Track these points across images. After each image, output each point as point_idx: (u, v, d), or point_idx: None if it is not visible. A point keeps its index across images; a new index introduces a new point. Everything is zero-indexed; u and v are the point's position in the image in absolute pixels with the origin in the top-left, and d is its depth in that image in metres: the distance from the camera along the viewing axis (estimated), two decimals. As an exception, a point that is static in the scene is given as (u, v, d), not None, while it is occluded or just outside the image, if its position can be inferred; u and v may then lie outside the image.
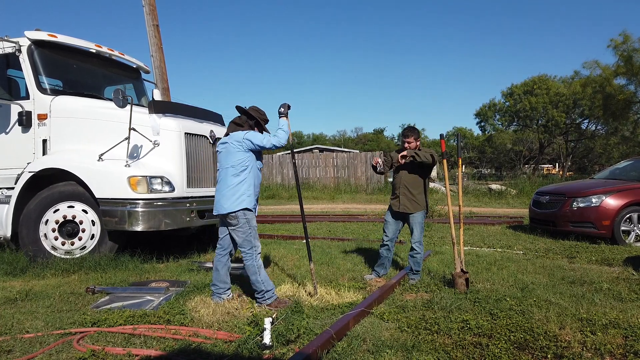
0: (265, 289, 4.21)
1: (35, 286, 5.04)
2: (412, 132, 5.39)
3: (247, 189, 4.22)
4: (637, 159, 10.24)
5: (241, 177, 4.21)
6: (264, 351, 3.16)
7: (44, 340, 3.44)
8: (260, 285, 4.21)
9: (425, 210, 5.38)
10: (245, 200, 4.19)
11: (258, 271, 4.23)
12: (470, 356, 3.12)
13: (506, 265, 6.00)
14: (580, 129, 44.03)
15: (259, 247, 4.31)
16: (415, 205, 5.26)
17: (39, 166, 5.99)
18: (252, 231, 4.25)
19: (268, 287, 4.24)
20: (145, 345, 3.34)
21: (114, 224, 5.78)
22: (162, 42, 10.39)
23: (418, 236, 5.27)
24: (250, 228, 4.24)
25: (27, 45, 6.30)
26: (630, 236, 7.91)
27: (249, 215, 4.23)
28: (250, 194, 4.23)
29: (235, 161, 4.20)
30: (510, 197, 19.79)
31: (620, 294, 4.60)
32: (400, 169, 5.34)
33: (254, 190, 4.28)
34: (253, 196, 4.28)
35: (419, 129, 5.48)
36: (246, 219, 4.21)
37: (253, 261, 4.24)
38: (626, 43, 25.76)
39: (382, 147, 52.93)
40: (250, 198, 4.23)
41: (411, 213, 5.28)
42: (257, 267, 4.23)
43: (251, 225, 4.25)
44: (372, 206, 17.04)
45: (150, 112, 6.20)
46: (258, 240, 4.33)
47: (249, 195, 4.22)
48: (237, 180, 4.20)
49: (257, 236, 4.33)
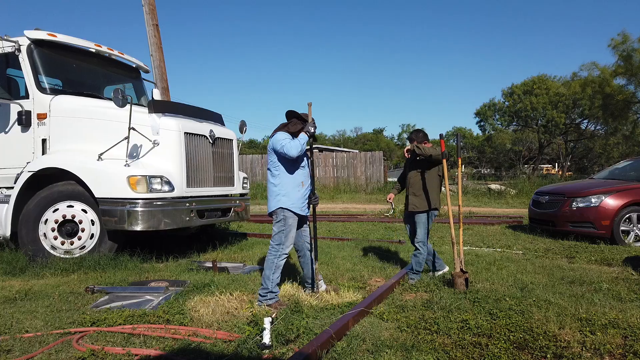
0: (270, 289, 4.24)
1: (34, 286, 5.04)
2: (416, 135, 5.40)
3: (282, 189, 4.34)
4: (636, 159, 10.24)
5: (276, 178, 4.38)
6: (264, 351, 3.16)
7: (44, 340, 3.44)
8: (269, 282, 4.25)
9: (430, 210, 5.31)
10: (281, 200, 4.32)
11: (274, 270, 4.28)
12: (469, 356, 3.12)
13: (505, 265, 6.00)
14: (579, 129, 44.03)
15: (286, 248, 4.34)
16: (421, 203, 5.25)
17: (38, 165, 5.99)
18: (286, 229, 4.32)
19: (274, 289, 4.27)
20: (144, 344, 3.34)
21: (113, 223, 5.78)
22: (161, 42, 10.40)
23: (421, 236, 5.26)
24: (285, 226, 4.32)
25: (26, 44, 6.30)
26: (629, 236, 7.91)
27: (287, 214, 4.32)
28: (286, 193, 4.33)
29: (270, 163, 4.42)
30: (510, 197, 19.78)
31: (620, 294, 4.61)
32: (409, 169, 5.40)
33: (292, 190, 4.35)
34: (292, 196, 4.34)
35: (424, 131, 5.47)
36: (284, 216, 4.32)
37: (275, 258, 4.31)
38: (625, 43, 25.79)
39: (382, 147, 52.87)
40: (286, 197, 4.33)
41: (415, 212, 5.28)
42: (275, 265, 4.29)
43: (287, 224, 4.32)
44: (371, 206, 17.04)
45: (149, 111, 6.20)
46: (289, 242, 4.36)
47: (285, 195, 4.33)
48: (273, 181, 4.39)
49: (290, 238, 4.36)
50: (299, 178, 4.42)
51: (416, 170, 5.32)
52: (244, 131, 7.77)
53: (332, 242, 8.12)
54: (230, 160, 7.27)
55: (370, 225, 10.93)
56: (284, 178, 4.36)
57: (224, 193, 7.18)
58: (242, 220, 8.77)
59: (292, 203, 4.34)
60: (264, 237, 8.94)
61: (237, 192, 7.52)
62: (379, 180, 23.77)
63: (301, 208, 4.41)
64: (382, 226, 10.84)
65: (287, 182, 4.36)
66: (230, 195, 7.41)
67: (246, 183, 7.97)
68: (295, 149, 4.23)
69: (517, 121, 46.94)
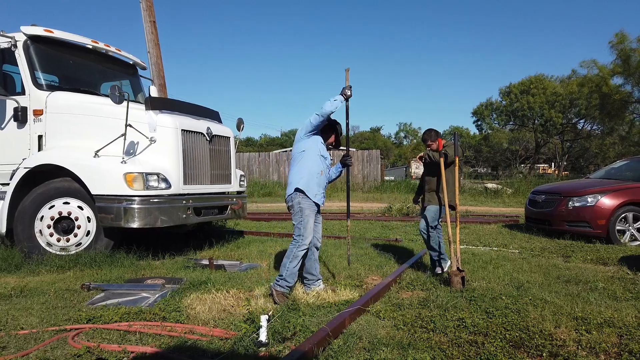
0: (284, 276, 4.36)
1: (30, 282, 5.02)
2: (429, 135, 5.55)
3: (300, 174, 4.45)
4: (632, 159, 10.28)
5: (296, 166, 4.52)
6: (260, 348, 3.16)
7: (39, 337, 3.42)
8: (284, 270, 4.37)
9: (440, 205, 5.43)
10: (300, 182, 4.43)
11: (292, 259, 4.38)
12: (465, 354, 3.13)
13: (502, 264, 6.01)
14: (576, 129, 44.18)
15: (306, 239, 4.40)
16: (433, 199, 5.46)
17: (34, 162, 5.96)
18: (303, 220, 4.40)
19: (288, 278, 4.37)
20: (140, 342, 3.33)
21: (109, 220, 5.76)
22: (159, 39, 10.37)
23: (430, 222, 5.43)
24: (302, 217, 4.40)
25: (23, 40, 6.26)
26: (625, 235, 7.94)
27: (302, 202, 4.41)
28: (302, 177, 4.43)
29: (293, 154, 4.58)
30: (506, 196, 19.85)
31: (615, 293, 4.62)
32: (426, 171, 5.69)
33: (309, 176, 4.44)
34: (309, 181, 4.44)
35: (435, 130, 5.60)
36: (299, 206, 4.41)
37: (294, 248, 4.41)
38: (623, 43, 25.88)
39: (379, 146, 52.96)
40: (304, 180, 4.42)
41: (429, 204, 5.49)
42: (293, 255, 4.39)
43: (303, 215, 4.40)
44: (368, 204, 17.06)
45: (146, 108, 6.17)
46: (308, 233, 4.42)
47: (301, 178, 4.43)
48: (292, 171, 4.54)
49: (309, 229, 4.42)
50: (318, 167, 4.51)
51: (431, 170, 5.50)
52: (242, 129, 7.76)
53: (328, 240, 8.12)
54: (227, 158, 7.25)
55: (367, 224, 10.94)
56: (303, 165, 4.48)
57: (221, 191, 7.16)
58: (239, 218, 8.76)
59: (308, 188, 4.43)
60: (261, 235, 8.93)
61: (234, 189, 7.51)
62: (375, 178, 23.80)
63: (315, 195, 4.48)
64: (378, 224, 10.85)
65: (308, 168, 4.47)
66: (227, 193, 7.40)
67: (243, 181, 7.96)
68: (329, 104, 4.32)
69: (514, 120, 47.07)
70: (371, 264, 6.09)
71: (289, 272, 4.37)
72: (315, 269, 4.70)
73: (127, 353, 3.10)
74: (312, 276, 4.69)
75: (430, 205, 5.48)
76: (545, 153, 49.36)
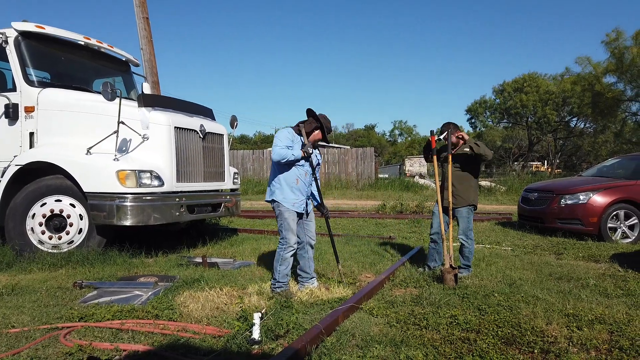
0: (277, 279, 4.49)
1: (21, 281, 4.98)
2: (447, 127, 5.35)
3: (277, 183, 4.52)
4: (624, 157, 10.37)
5: (275, 171, 4.55)
6: (253, 346, 3.16)
7: (31, 335, 3.40)
8: (276, 274, 4.50)
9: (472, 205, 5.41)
10: (274, 193, 4.52)
11: (281, 262, 4.48)
12: (458, 351, 3.14)
13: (494, 261, 6.04)
14: (569, 126, 44.43)
15: (289, 240, 4.47)
16: (460, 199, 5.31)
17: (25, 159, 5.91)
18: (284, 223, 4.48)
19: (281, 279, 4.48)
20: (133, 340, 3.32)
21: (102, 218, 5.72)
22: (152, 35, 10.30)
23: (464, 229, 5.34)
24: (282, 220, 4.49)
25: (14, 36, 6.20)
26: (616, 233, 8.00)
27: (280, 207, 4.48)
28: (279, 187, 4.50)
29: None
30: (500, 193, 19.93)
31: (607, 290, 4.66)
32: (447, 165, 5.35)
33: (285, 185, 4.48)
34: (284, 191, 4.48)
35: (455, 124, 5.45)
36: (279, 210, 4.50)
37: (281, 251, 4.50)
38: (618, 40, 26.00)
39: (373, 143, 53.03)
40: (279, 191, 4.49)
41: (456, 207, 5.33)
42: (281, 258, 4.48)
43: (283, 218, 4.48)
44: (362, 202, 17.08)
45: (139, 105, 6.13)
46: (290, 235, 4.48)
47: (278, 189, 4.50)
48: (273, 174, 4.59)
49: (291, 231, 4.48)
50: (293, 175, 4.50)
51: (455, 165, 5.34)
52: (235, 126, 7.73)
53: (322, 238, 8.11)
54: (220, 155, 7.23)
55: (360, 222, 10.95)
56: (280, 173, 4.52)
57: (215, 188, 7.14)
58: (232, 216, 8.74)
59: (283, 197, 4.47)
60: (255, 232, 8.91)
61: (228, 187, 7.49)
62: (370, 176, 23.82)
63: (294, 204, 4.48)
64: (372, 222, 10.86)
65: (283, 177, 4.50)
66: (221, 191, 7.37)
67: (237, 178, 7.93)
68: (276, 154, 4.37)
69: (507, 118, 47.26)
70: (365, 261, 6.10)
71: (281, 275, 4.48)
72: (309, 267, 4.72)
73: (119, 351, 3.09)
74: (306, 274, 4.72)
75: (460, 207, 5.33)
76: (538, 151, 49.63)
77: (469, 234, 5.32)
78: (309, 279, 4.73)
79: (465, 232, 5.31)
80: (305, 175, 4.56)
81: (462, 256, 5.34)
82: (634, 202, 8.01)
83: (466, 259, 5.33)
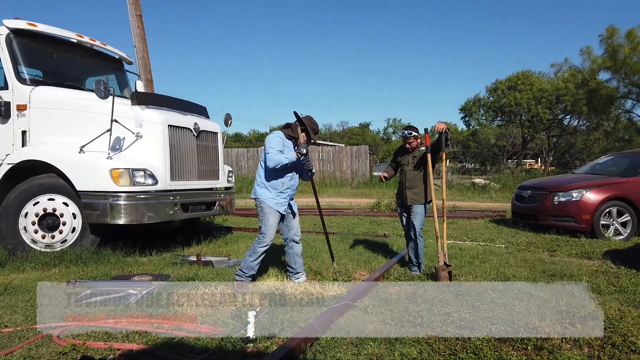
0: (242, 268, 4.58)
1: (14, 280, 4.95)
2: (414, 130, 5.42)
3: (263, 182, 4.63)
4: (616, 155, 10.43)
5: (263, 171, 4.65)
6: (248, 345, 3.16)
7: (24, 335, 3.39)
8: (243, 262, 4.61)
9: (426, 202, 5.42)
10: (258, 192, 4.64)
11: (251, 254, 4.57)
12: (452, 348, 3.15)
13: (488, 259, 6.07)
14: (562, 124, 44.64)
15: (265, 236, 4.55)
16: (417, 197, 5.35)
17: (18, 158, 5.87)
18: (264, 219, 4.59)
19: (245, 270, 4.56)
20: (127, 339, 3.31)
21: (95, 217, 5.70)
22: (145, 33, 10.24)
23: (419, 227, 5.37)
24: (262, 216, 4.60)
25: (5, 34, 6.15)
26: (609, 230, 8.05)
27: (262, 204, 4.60)
28: (265, 187, 4.62)
29: (263, 155, 4.63)
30: (494, 191, 20.00)
31: (599, 286, 4.69)
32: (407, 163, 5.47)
33: (271, 186, 4.59)
34: (270, 191, 4.59)
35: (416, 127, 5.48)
36: (260, 206, 4.62)
37: (255, 244, 4.59)
38: (612, 37, 26.12)
39: (368, 141, 52.97)
40: (264, 191, 4.61)
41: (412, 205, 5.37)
42: (252, 250, 4.58)
43: (264, 213, 4.59)
44: (357, 200, 17.09)
45: (133, 103, 6.11)
46: (268, 231, 4.56)
47: (263, 188, 4.62)
48: (259, 173, 4.70)
49: (269, 228, 4.56)
50: (280, 179, 4.61)
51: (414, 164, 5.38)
52: (229, 124, 7.70)
53: (317, 236, 8.12)
54: (215, 154, 7.21)
55: (355, 219, 10.96)
56: (266, 175, 4.62)
57: (209, 187, 7.12)
58: (227, 214, 8.73)
59: (268, 197, 4.57)
60: (249, 230, 8.90)
61: (222, 185, 7.47)
62: (364, 174, 23.83)
63: (276, 203, 4.59)
64: (367, 220, 10.87)
65: (270, 178, 4.61)
66: (215, 189, 7.36)
67: (231, 177, 7.91)
68: (272, 162, 4.44)
69: (501, 116, 47.41)
70: (359, 259, 6.10)
71: (246, 265, 4.57)
72: (294, 262, 4.83)
73: (113, 350, 3.08)
74: (292, 269, 4.86)
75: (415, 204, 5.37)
76: (532, 149, 49.80)
77: None
78: (295, 273, 4.84)
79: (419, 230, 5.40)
80: (290, 179, 4.67)
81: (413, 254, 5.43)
82: (627, 200, 8.06)
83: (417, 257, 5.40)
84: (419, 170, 5.35)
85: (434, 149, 5.23)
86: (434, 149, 5.24)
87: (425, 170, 5.30)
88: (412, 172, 5.37)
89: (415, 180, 5.35)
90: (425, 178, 5.30)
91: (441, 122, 5.05)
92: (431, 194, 5.27)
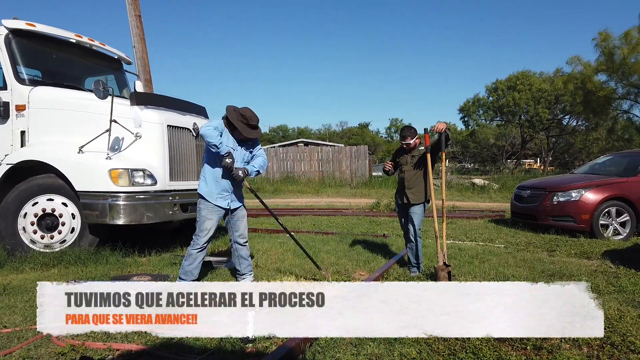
0: (180, 274, 4.47)
1: (13, 280, 4.95)
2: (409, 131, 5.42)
3: (203, 174, 4.50)
4: (615, 154, 10.45)
5: (204, 160, 4.50)
6: (247, 345, 3.15)
7: (22, 335, 3.39)
8: (181, 268, 4.49)
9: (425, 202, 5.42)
10: (200, 185, 4.51)
11: (187, 257, 4.45)
12: (451, 348, 3.16)
13: (488, 259, 6.07)
14: (561, 124, 44.68)
15: (201, 238, 4.43)
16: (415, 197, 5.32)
17: (17, 158, 5.86)
18: (200, 219, 4.45)
19: (182, 275, 4.45)
20: (126, 339, 3.30)
21: (94, 217, 5.69)
22: (144, 33, 10.24)
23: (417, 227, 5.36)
24: (199, 216, 4.46)
25: (4, 34, 6.14)
26: (608, 230, 8.06)
27: (201, 204, 4.46)
28: (204, 179, 4.47)
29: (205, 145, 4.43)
30: (493, 191, 20.02)
31: (598, 286, 4.70)
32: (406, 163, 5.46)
33: (210, 178, 4.43)
34: (209, 184, 4.43)
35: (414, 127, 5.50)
36: (199, 206, 4.48)
37: (190, 247, 4.46)
38: (606, 41, 26.24)
39: (367, 141, 52.95)
40: (204, 184, 4.46)
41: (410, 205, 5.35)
42: (187, 254, 4.46)
43: (200, 215, 4.45)
44: (356, 200, 17.10)
45: (132, 104, 6.10)
46: (202, 233, 4.42)
47: (203, 180, 4.48)
48: (202, 165, 4.55)
49: (205, 229, 4.43)
50: (219, 169, 4.41)
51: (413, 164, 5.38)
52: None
53: (316, 236, 8.13)
54: (214, 154, 7.19)
55: (354, 219, 10.96)
56: (207, 162, 4.47)
57: (208, 187, 7.10)
58: (226, 214, 8.71)
59: (207, 190, 4.45)
60: (249, 230, 8.88)
61: (221, 185, 7.45)
62: (363, 174, 23.85)
63: (216, 198, 4.43)
64: (366, 220, 10.88)
65: (208, 170, 4.46)
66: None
67: (230, 177, 7.89)
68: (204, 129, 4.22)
69: (500, 116, 47.45)
70: (358, 259, 6.11)
71: (184, 270, 4.45)
72: (239, 265, 4.73)
73: (112, 351, 3.08)
74: (237, 271, 4.78)
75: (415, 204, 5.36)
76: (531, 149, 49.82)
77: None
78: (241, 275, 4.74)
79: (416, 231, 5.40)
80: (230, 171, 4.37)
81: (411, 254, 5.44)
82: (626, 199, 8.07)
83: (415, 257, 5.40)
84: (417, 170, 5.35)
85: (433, 149, 5.23)
86: (434, 149, 5.24)
87: (424, 170, 5.30)
88: (410, 172, 5.37)
89: (413, 180, 5.35)
90: (424, 178, 5.30)
91: (441, 122, 5.04)
92: (430, 194, 5.27)
